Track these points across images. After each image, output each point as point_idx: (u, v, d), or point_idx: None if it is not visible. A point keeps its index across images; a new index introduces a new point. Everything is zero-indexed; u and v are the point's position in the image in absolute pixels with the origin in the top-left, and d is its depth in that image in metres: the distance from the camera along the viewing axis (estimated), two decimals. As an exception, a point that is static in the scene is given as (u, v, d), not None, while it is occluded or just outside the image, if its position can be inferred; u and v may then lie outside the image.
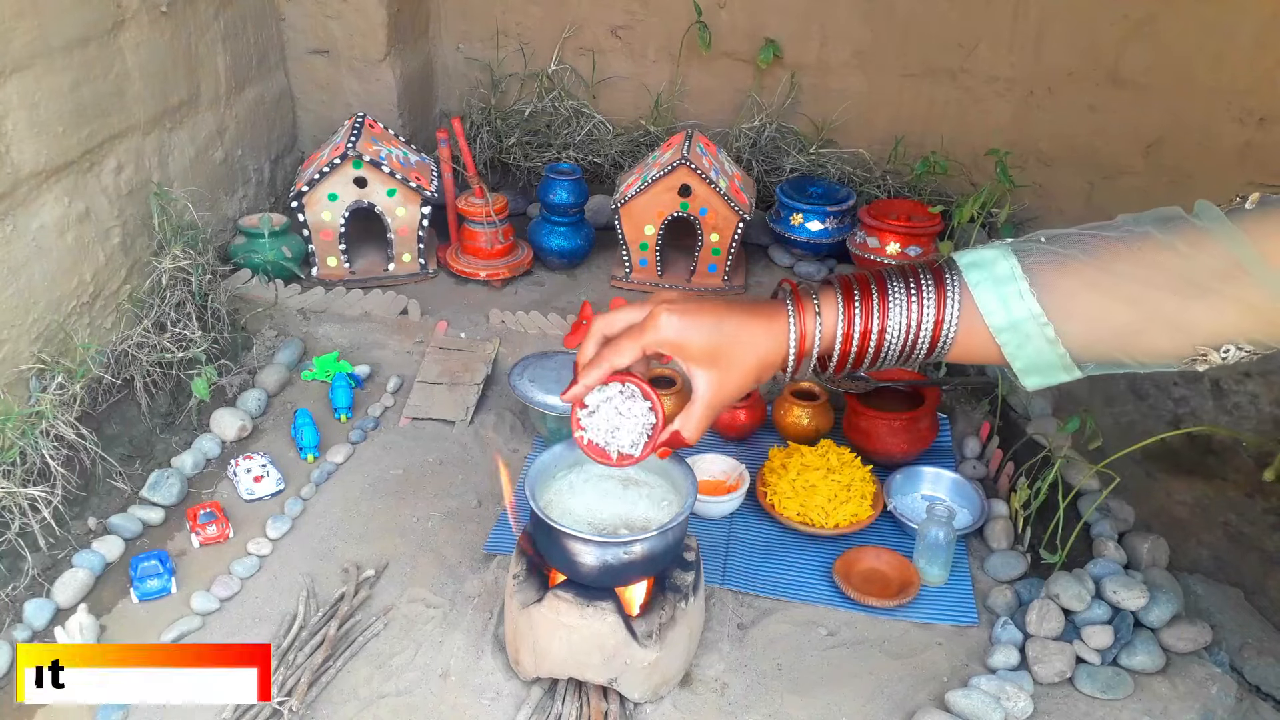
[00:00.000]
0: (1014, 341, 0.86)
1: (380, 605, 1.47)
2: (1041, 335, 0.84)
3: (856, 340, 0.92)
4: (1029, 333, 0.85)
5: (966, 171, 2.47)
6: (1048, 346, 0.85)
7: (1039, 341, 0.85)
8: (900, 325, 0.90)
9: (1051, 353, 0.85)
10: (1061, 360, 0.85)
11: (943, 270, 0.89)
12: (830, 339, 0.93)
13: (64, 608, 1.43)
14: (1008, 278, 0.85)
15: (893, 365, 0.94)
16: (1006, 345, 0.86)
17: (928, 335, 0.89)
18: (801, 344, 0.93)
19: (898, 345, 0.91)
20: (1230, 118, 2.27)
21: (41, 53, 1.55)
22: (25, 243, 1.56)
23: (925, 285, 0.89)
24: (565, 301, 2.17)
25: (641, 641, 1.25)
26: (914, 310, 0.89)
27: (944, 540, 1.51)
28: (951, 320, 0.88)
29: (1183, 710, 1.31)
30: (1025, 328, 0.85)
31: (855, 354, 0.93)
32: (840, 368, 0.95)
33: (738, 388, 0.97)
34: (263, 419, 1.88)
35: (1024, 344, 0.85)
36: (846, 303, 0.92)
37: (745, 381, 0.97)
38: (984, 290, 0.86)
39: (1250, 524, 1.67)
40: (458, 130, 2.18)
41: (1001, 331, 0.86)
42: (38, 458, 1.49)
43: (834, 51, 2.49)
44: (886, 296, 0.91)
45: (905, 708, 1.32)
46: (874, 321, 0.91)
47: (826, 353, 0.94)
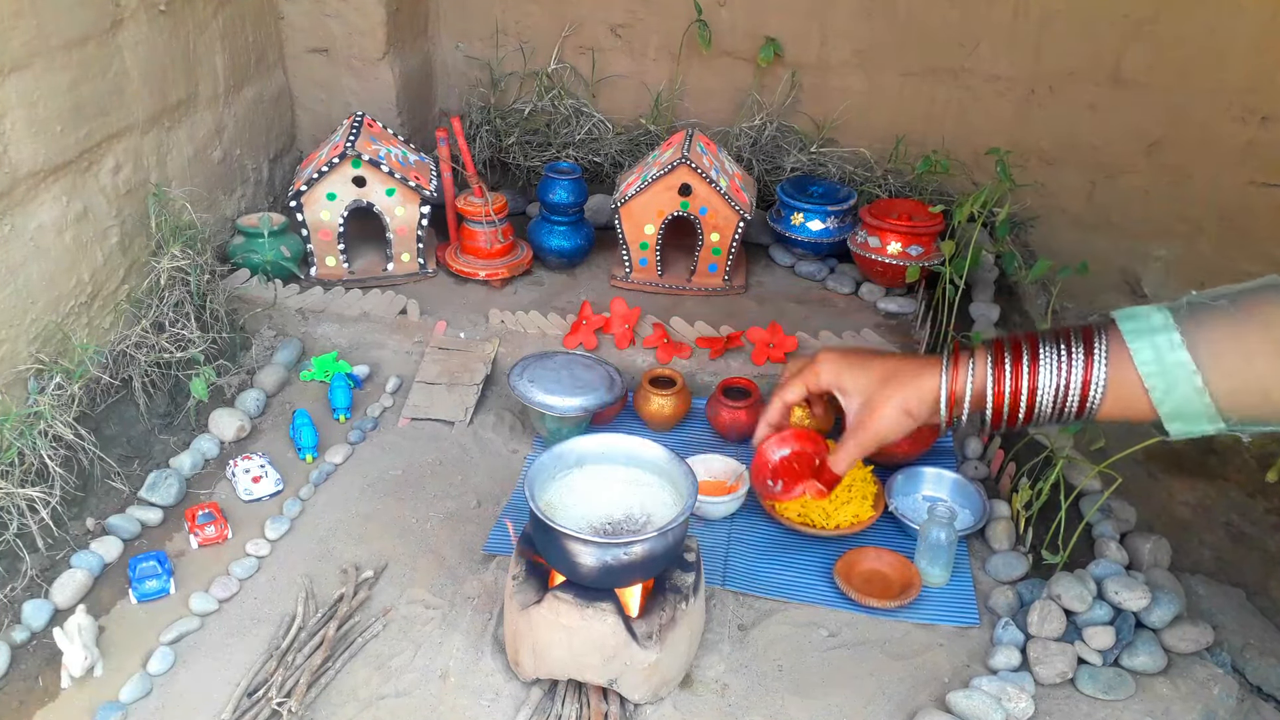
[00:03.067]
0: (1162, 386, 0.91)
1: (379, 606, 1.47)
2: (1190, 383, 0.89)
3: (1008, 399, 1.00)
4: (1178, 379, 0.90)
5: (968, 171, 2.47)
6: (1195, 395, 0.89)
7: (1186, 389, 0.89)
8: (1050, 386, 0.97)
9: (1199, 401, 0.89)
10: (1207, 410, 0.90)
11: (1093, 332, 0.96)
12: (980, 398, 1.01)
13: (62, 608, 1.43)
14: (1161, 328, 0.91)
15: (1049, 424, 1.01)
16: (1154, 390, 0.91)
17: (1076, 395, 0.96)
18: (953, 394, 1.03)
19: (1049, 405, 0.98)
20: (1231, 117, 2.27)
21: (40, 52, 1.55)
22: (23, 242, 1.55)
23: (1075, 347, 0.96)
24: (565, 301, 2.16)
25: (641, 642, 1.24)
26: (1063, 372, 0.96)
27: (945, 541, 1.50)
28: (1099, 379, 0.94)
29: (1185, 711, 1.30)
30: (1174, 374, 0.90)
31: (1008, 412, 1.01)
32: (995, 424, 1.02)
33: (883, 431, 1.09)
34: (261, 419, 1.88)
35: (1172, 389, 0.90)
36: (997, 364, 1.00)
37: (890, 427, 1.08)
38: (1137, 338, 0.92)
39: (1252, 524, 1.68)
40: (457, 129, 2.18)
41: (1151, 375, 0.91)
42: (36, 458, 1.49)
43: (835, 50, 2.49)
44: (1037, 359, 0.98)
45: (906, 709, 1.32)
46: (1023, 382, 0.99)
47: (978, 410, 1.02)
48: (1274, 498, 1.72)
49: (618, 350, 1.98)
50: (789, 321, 2.03)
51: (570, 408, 1.73)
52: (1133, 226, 2.44)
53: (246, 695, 1.30)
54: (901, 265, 2.11)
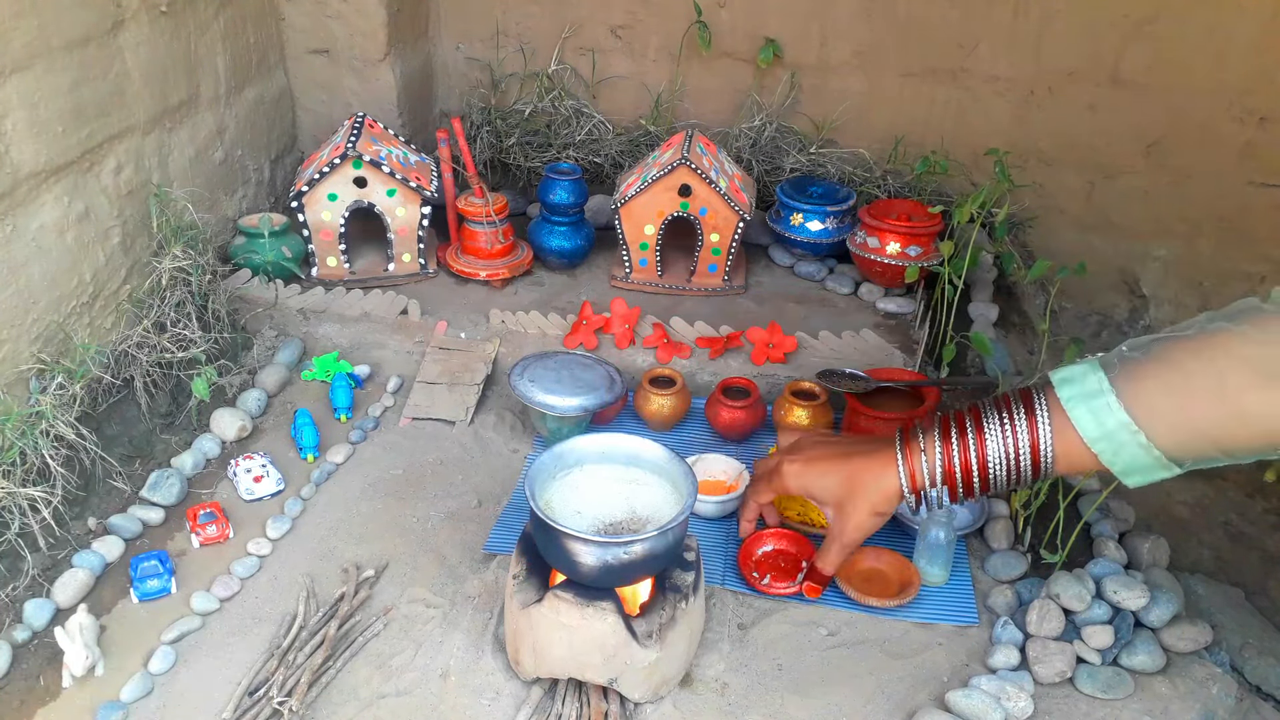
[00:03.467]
0: (1110, 449, 0.93)
1: (380, 605, 1.47)
2: (1134, 441, 0.90)
3: (960, 474, 1.03)
4: (1123, 440, 0.91)
5: (967, 171, 2.47)
6: (1141, 451, 0.90)
7: (1133, 448, 0.91)
8: (999, 454, 1.00)
9: (1146, 456, 0.91)
10: (1158, 461, 0.91)
11: (1032, 396, 0.98)
12: (935, 475, 1.06)
13: (64, 608, 1.43)
14: (1096, 391, 0.92)
15: (1005, 489, 1.04)
16: (1103, 454, 0.93)
17: (1027, 458, 0.98)
18: (913, 482, 1.07)
19: (1002, 472, 1.01)
20: (1231, 117, 2.27)
21: (41, 53, 1.55)
22: (25, 243, 1.56)
23: (1017, 413, 0.99)
24: (565, 301, 2.16)
25: (642, 642, 1.25)
26: (1009, 439, 0.99)
27: (944, 540, 1.50)
28: (1046, 441, 0.96)
29: (1183, 710, 1.31)
30: (1118, 436, 0.91)
31: (963, 484, 1.05)
32: (954, 498, 1.08)
33: (861, 525, 1.16)
34: (263, 419, 1.88)
35: (1119, 451, 0.92)
36: (944, 441, 1.04)
37: (866, 519, 1.15)
38: (1075, 405, 0.94)
39: (1251, 524, 1.68)
40: (458, 130, 2.18)
41: (1096, 442, 0.93)
42: (37, 458, 1.49)
43: (834, 51, 2.49)
44: (983, 430, 1.02)
45: (906, 708, 1.32)
46: (973, 455, 1.02)
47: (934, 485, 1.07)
48: (1272, 497, 1.72)
49: (618, 350, 1.98)
50: (788, 321, 2.03)
51: (570, 408, 1.74)
52: (1132, 226, 2.44)
53: (248, 694, 1.31)
54: (900, 265, 2.11)
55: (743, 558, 1.54)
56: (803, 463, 1.18)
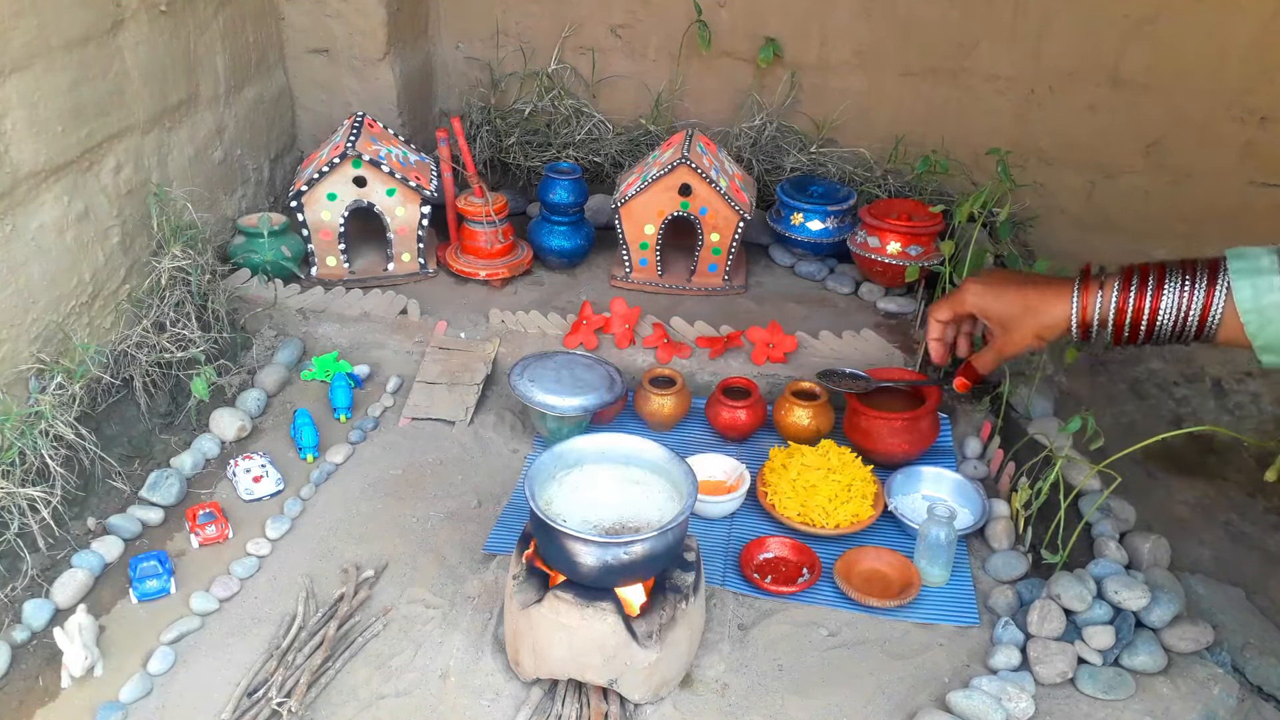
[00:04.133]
0: (1256, 322, 1.05)
1: (380, 606, 1.47)
2: None
3: (1130, 315, 1.15)
4: (1272, 318, 1.04)
5: (967, 171, 2.47)
6: None
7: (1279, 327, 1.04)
8: (1171, 308, 1.11)
9: None
10: None
11: (1219, 266, 1.09)
12: (1106, 313, 1.17)
13: (63, 608, 1.43)
14: (1266, 270, 1.05)
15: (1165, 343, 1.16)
16: (1249, 325, 1.06)
17: (1196, 317, 1.10)
18: (1084, 314, 1.19)
19: (1169, 323, 1.12)
20: (1230, 117, 2.27)
21: (41, 52, 1.55)
22: (24, 242, 1.56)
23: (1200, 277, 1.10)
24: (565, 301, 2.16)
25: (642, 642, 1.24)
26: (1185, 297, 1.10)
27: (945, 540, 1.50)
28: (1218, 307, 1.08)
29: (1185, 711, 1.30)
30: (1270, 313, 1.04)
31: (1130, 327, 1.16)
32: (1117, 339, 1.18)
33: (1023, 343, 1.28)
34: (262, 419, 1.88)
35: (1265, 326, 1.05)
36: (1124, 287, 1.16)
37: (1029, 338, 1.27)
38: (1240, 278, 1.06)
39: (1251, 524, 1.68)
40: (457, 130, 2.18)
41: (1248, 313, 1.06)
42: (37, 458, 1.49)
43: (834, 51, 2.49)
44: (1163, 285, 1.12)
45: (906, 708, 1.32)
46: (1146, 302, 1.14)
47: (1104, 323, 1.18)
48: (1273, 497, 1.72)
49: (618, 350, 1.98)
50: (789, 321, 2.03)
51: (570, 408, 1.73)
52: (1132, 226, 2.44)
53: (247, 695, 1.30)
54: (901, 265, 2.11)
55: (744, 563, 1.54)
56: (984, 284, 1.31)
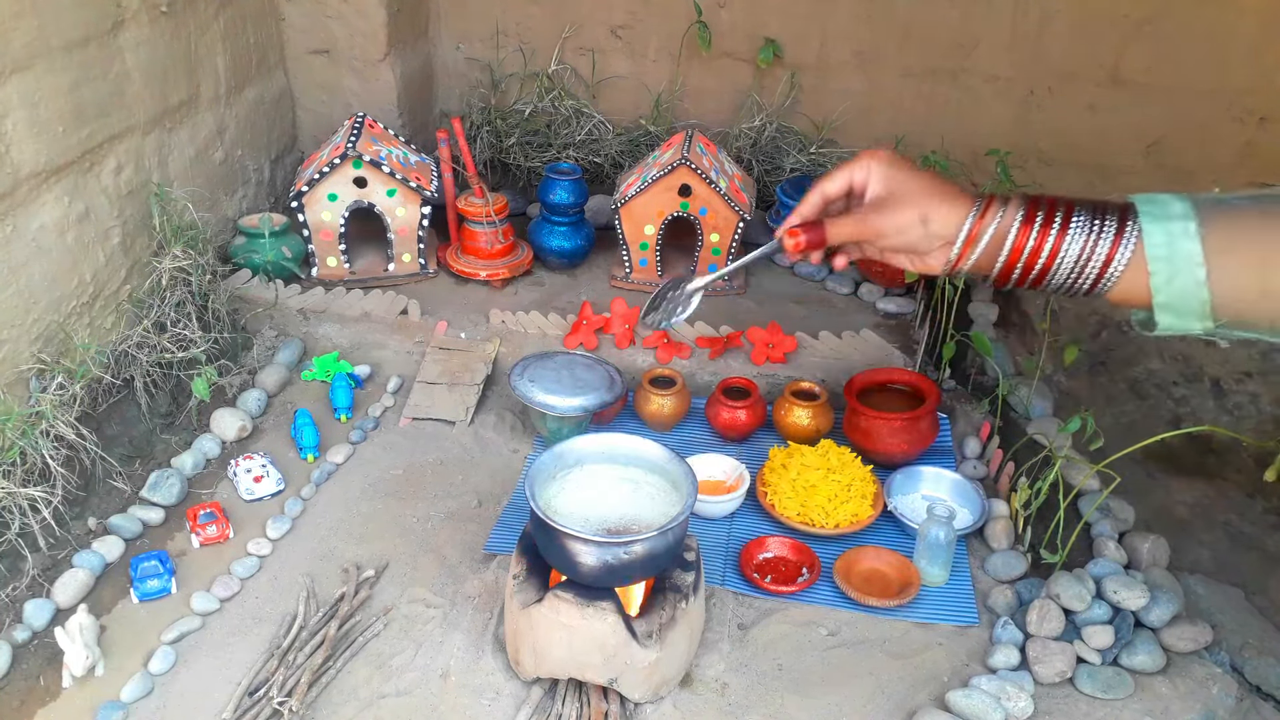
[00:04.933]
0: (1165, 273, 0.89)
1: (380, 605, 1.47)
2: (1193, 276, 0.87)
3: (1026, 254, 0.96)
4: (1180, 268, 0.88)
5: (967, 171, 2.47)
6: (1194, 287, 0.88)
7: (1187, 280, 0.88)
8: (1072, 254, 0.94)
9: (1195, 295, 0.88)
10: (1202, 307, 0.88)
11: (1129, 213, 0.93)
12: (998, 246, 0.97)
13: (64, 608, 1.43)
14: (1180, 215, 0.89)
15: (1056, 291, 0.98)
16: (1156, 275, 0.89)
17: (1095, 270, 0.94)
18: (971, 236, 0.98)
19: (1065, 271, 0.95)
20: (1230, 117, 2.27)
21: (41, 53, 1.55)
22: (25, 243, 1.56)
23: (1108, 222, 0.94)
24: (565, 301, 2.16)
25: (642, 642, 1.25)
26: (1089, 243, 0.94)
27: (944, 540, 1.51)
28: (1120, 261, 0.92)
29: (1184, 710, 1.31)
30: (1180, 263, 0.88)
31: (1023, 267, 0.97)
32: (1003, 278, 0.98)
33: (899, 221, 1.02)
34: (263, 419, 1.88)
35: (1173, 278, 0.89)
36: (1026, 219, 0.97)
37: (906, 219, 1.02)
38: (1152, 221, 0.91)
39: (1251, 524, 1.67)
40: (458, 130, 2.18)
41: (1157, 260, 0.89)
42: (38, 458, 1.49)
43: (834, 51, 2.49)
44: (1069, 224, 0.95)
45: (906, 708, 1.32)
46: (1048, 242, 0.95)
47: (990, 262, 0.98)
48: (1272, 497, 1.72)
49: (618, 350, 1.98)
50: (789, 321, 2.03)
51: (570, 408, 1.74)
52: (1132, 227, 2.43)
53: (248, 694, 1.31)
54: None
55: (744, 563, 1.54)
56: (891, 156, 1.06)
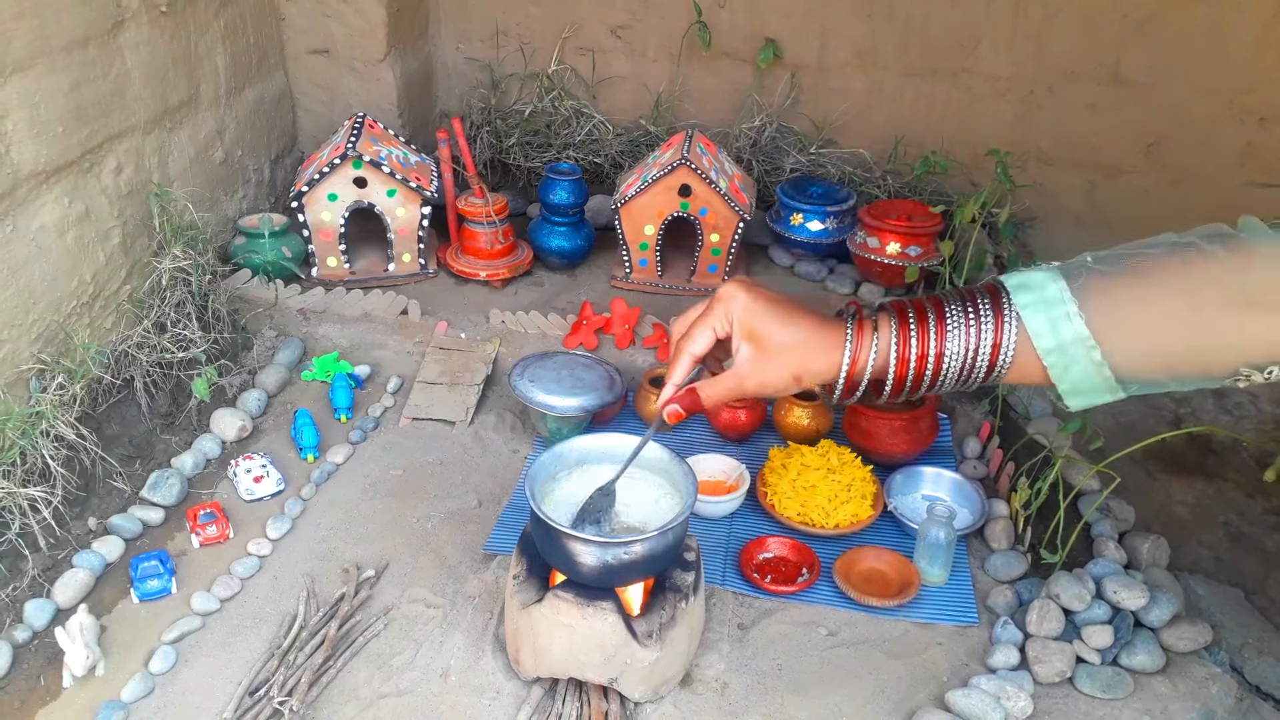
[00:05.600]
0: (1060, 364, 0.86)
1: (380, 605, 1.47)
2: (1088, 358, 0.85)
3: (914, 364, 0.92)
4: (1076, 356, 0.85)
5: (967, 171, 2.47)
6: (1093, 369, 0.85)
7: (1085, 364, 0.85)
8: (959, 349, 0.90)
9: (1097, 375, 0.85)
10: (1107, 382, 0.86)
11: (999, 293, 0.89)
12: (884, 364, 0.93)
13: (64, 608, 1.43)
14: (1056, 300, 0.86)
15: (949, 390, 0.94)
16: (1053, 368, 0.86)
17: (985, 359, 0.89)
18: (852, 368, 0.94)
19: (955, 369, 0.91)
20: (1231, 117, 2.27)
21: (41, 53, 1.55)
22: (25, 243, 1.56)
23: (983, 309, 0.89)
24: (565, 301, 2.17)
25: (642, 641, 1.25)
26: (972, 334, 0.89)
27: (944, 540, 1.51)
28: (1009, 344, 0.88)
29: (1183, 710, 1.31)
30: (1072, 351, 0.85)
31: (913, 378, 0.93)
32: (897, 391, 0.94)
33: (772, 383, 0.97)
34: (263, 419, 1.88)
35: (1070, 366, 0.86)
36: (902, 326, 0.92)
37: (780, 381, 0.97)
38: (1032, 313, 0.87)
39: (1250, 524, 1.67)
40: (458, 130, 2.18)
41: (1049, 354, 0.86)
42: (38, 458, 1.49)
43: (834, 51, 2.49)
44: (945, 320, 0.91)
45: (905, 707, 1.32)
46: (931, 345, 0.91)
47: (880, 377, 0.94)
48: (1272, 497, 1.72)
49: (618, 350, 1.98)
50: (789, 322, 2.02)
51: (570, 408, 1.74)
52: (1132, 227, 2.40)
53: (248, 694, 1.31)
54: (900, 265, 2.11)
55: (744, 563, 1.54)
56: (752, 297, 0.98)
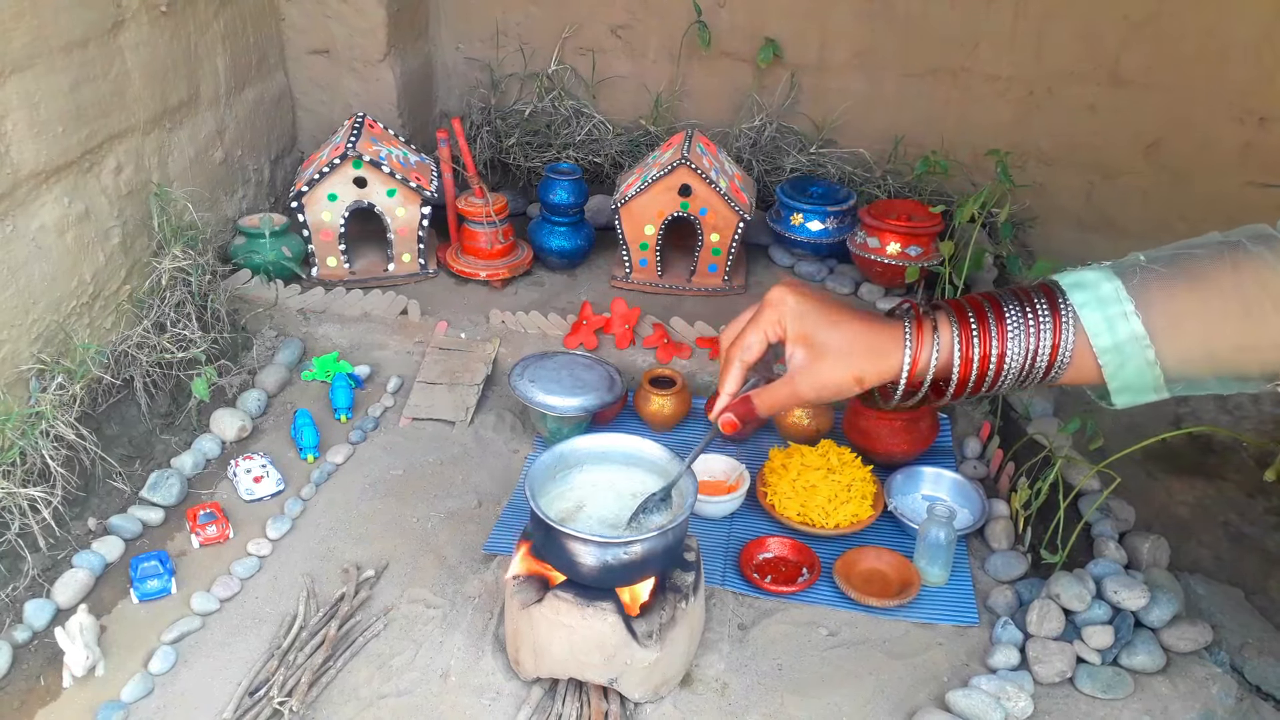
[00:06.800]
0: (1115, 363, 0.87)
1: (380, 605, 1.47)
2: (1142, 357, 0.86)
3: (976, 365, 0.92)
4: (1130, 354, 0.86)
5: (967, 171, 2.47)
6: (1146, 368, 0.86)
7: (1139, 362, 0.86)
8: (1020, 350, 0.90)
9: (1149, 374, 0.86)
10: (1156, 381, 0.87)
11: (1055, 293, 0.90)
12: (946, 365, 0.93)
13: (64, 608, 1.43)
14: (1112, 299, 0.86)
15: (1009, 390, 0.94)
16: (1108, 366, 0.87)
17: (1045, 359, 0.89)
18: (914, 369, 0.93)
19: (1016, 369, 0.91)
20: (1230, 117, 2.27)
21: (41, 53, 1.55)
22: (25, 243, 1.56)
23: (1041, 309, 0.90)
24: (565, 301, 2.17)
25: (642, 642, 1.25)
26: (1033, 335, 0.90)
27: (944, 540, 1.51)
28: (1068, 344, 0.88)
29: (1183, 710, 1.31)
30: (1128, 349, 0.86)
31: (975, 379, 0.93)
32: (960, 392, 0.94)
33: (831, 386, 0.95)
34: (263, 419, 1.88)
35: (1124, 365, 0.86)
36: (963, 327, 0.92)
37: (839, 384, 0.95)
38: (1090, 311, 0.87)
39: (1251, 524, 1.67)
40: (458, 130, 2.18)
41: (1105, 353, 0.86)
42: (38, 458, 1.49)
43: (834, 51, 2.49)
44: (1004, 321, 0.91)
45: (906, 708, 1.32)
46: (993, 346, 0.91)
47: (942, 378, 0.94)
48: (1273, 497, 1.72)
49: (618, 350, 1.98)
50: (789, 322, 2.02)
51: (570, 408, 1.74)
52: (1132, 226, 2.44)
53: (248, 694, 1.31)
54: (900, 265, 2.11)
55: (744, 563, 1.54)
56: (803, 301, 0.96)
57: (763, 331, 0.98)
